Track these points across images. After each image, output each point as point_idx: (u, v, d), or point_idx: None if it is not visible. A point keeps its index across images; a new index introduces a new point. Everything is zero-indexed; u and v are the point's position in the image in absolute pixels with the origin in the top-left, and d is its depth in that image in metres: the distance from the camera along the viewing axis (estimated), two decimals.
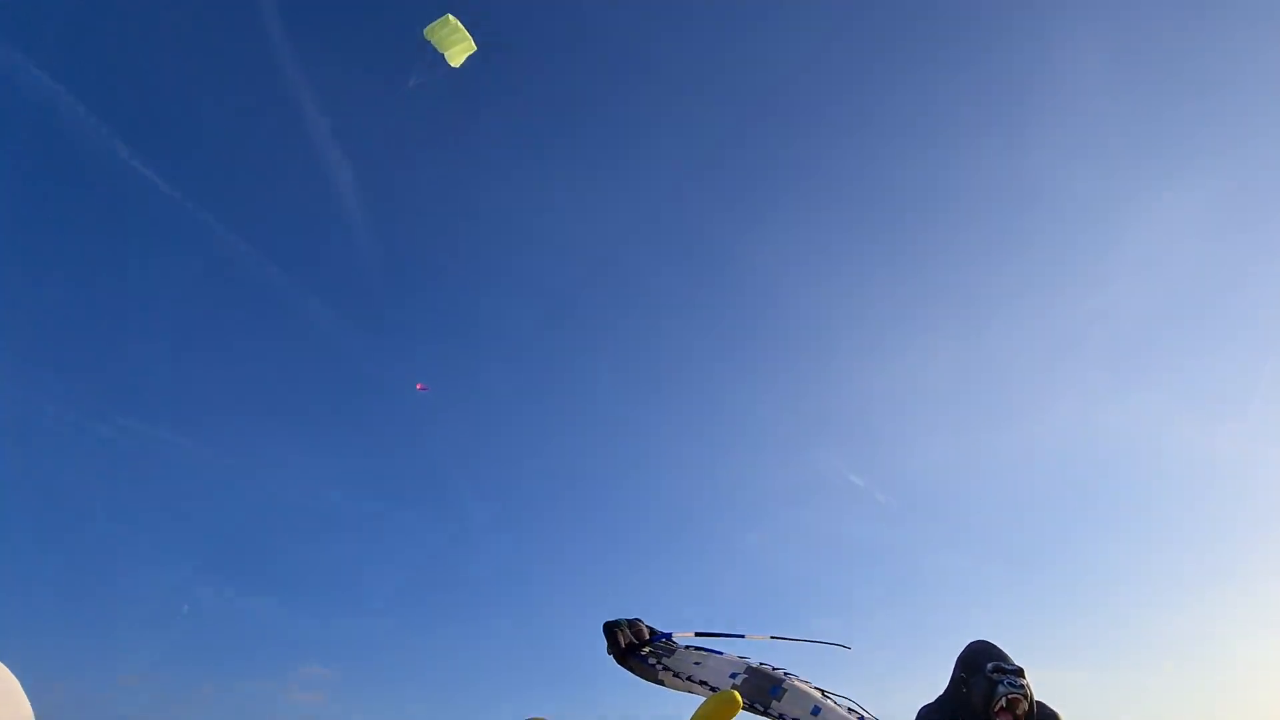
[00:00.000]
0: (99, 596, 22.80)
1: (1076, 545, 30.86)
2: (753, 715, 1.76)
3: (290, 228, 28.15)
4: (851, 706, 1.78)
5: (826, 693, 1.80)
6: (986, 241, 32.03)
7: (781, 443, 33.32)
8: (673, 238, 31.60)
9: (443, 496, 29.19)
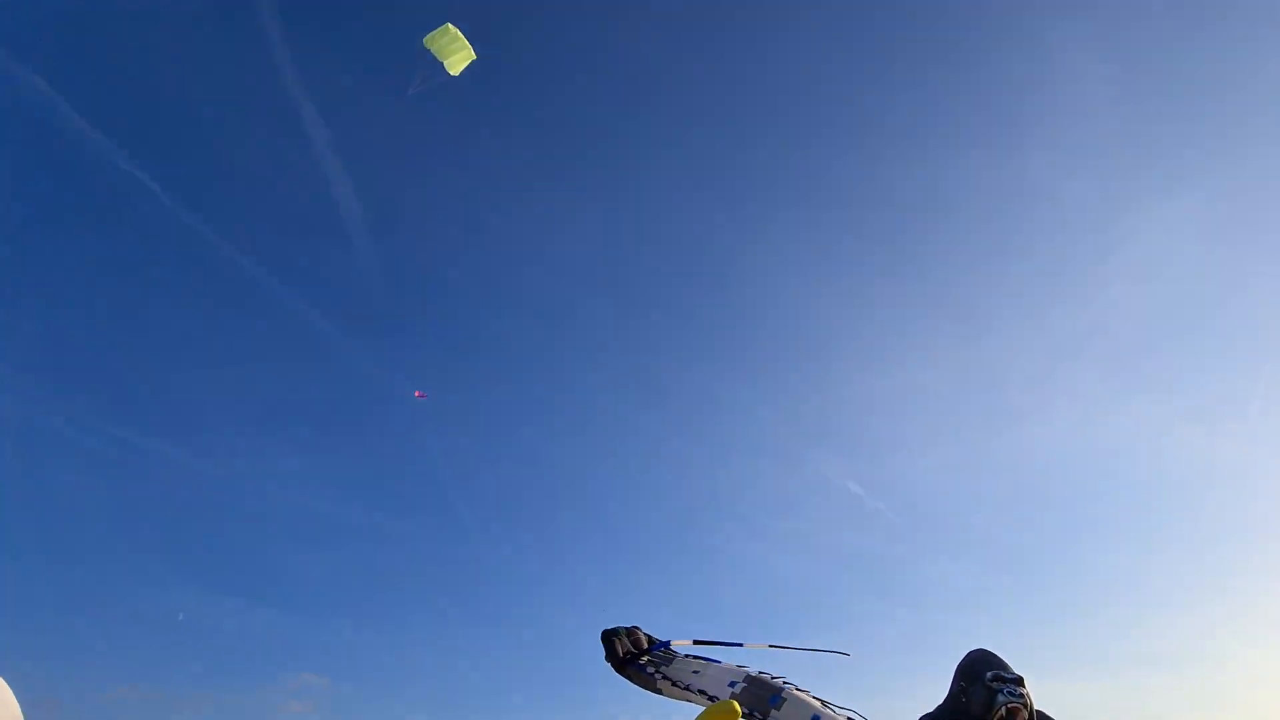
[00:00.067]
0: (93, 606, 22.66)
1: (1076, 552, 30.81)
2: None
3: (289, 237, 28.21)
4: (851, 716, 1.77)
5: (826, 702, 1.79)
6: (986, 248, 32.19)
7: (781, 450, 33.29)
8: (672, 245, 31.72)
9: (439, 505, 29.08)
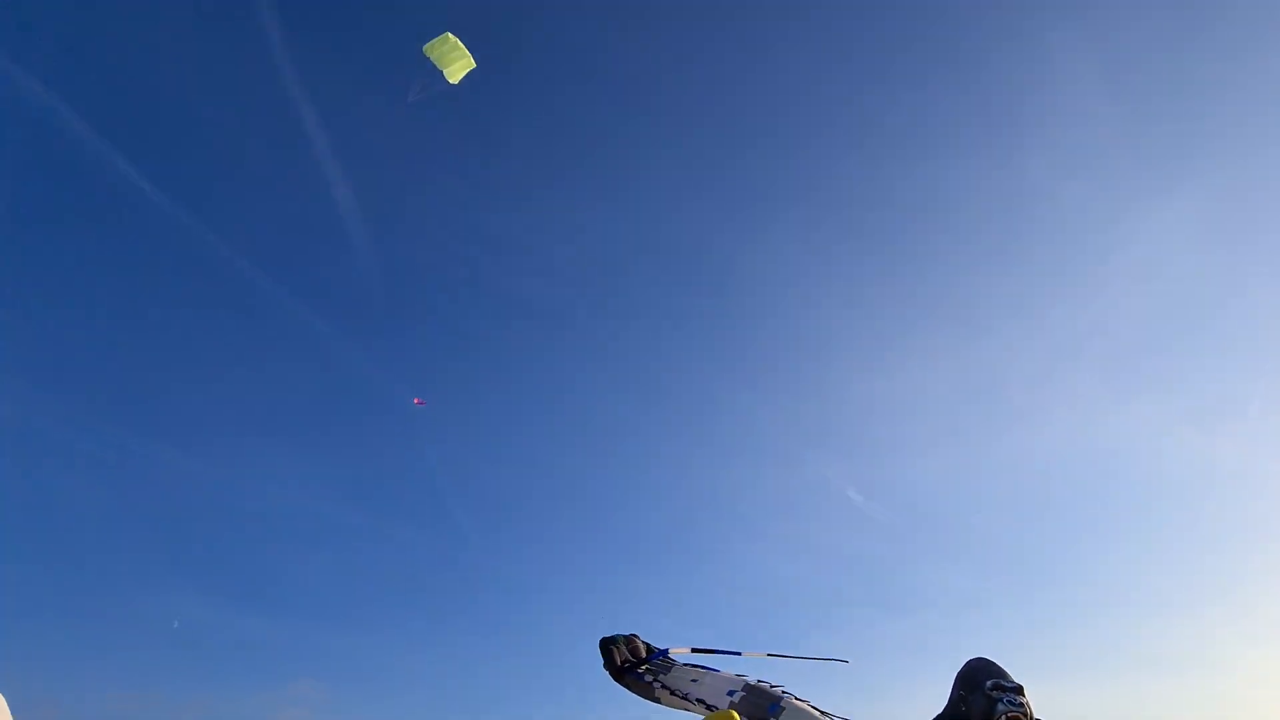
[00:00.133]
0: (90, 610, 22.55)
1: (1076, 554, 30.77)
2: None
3: (289, 242, 28.28)
4: None
5: (825, 712, 1.78)
6: (985, 250, 32.29)
7: (780, 452, 33.28)
8: (671, 247, 31.79)
9: (438, 510, 29.03)
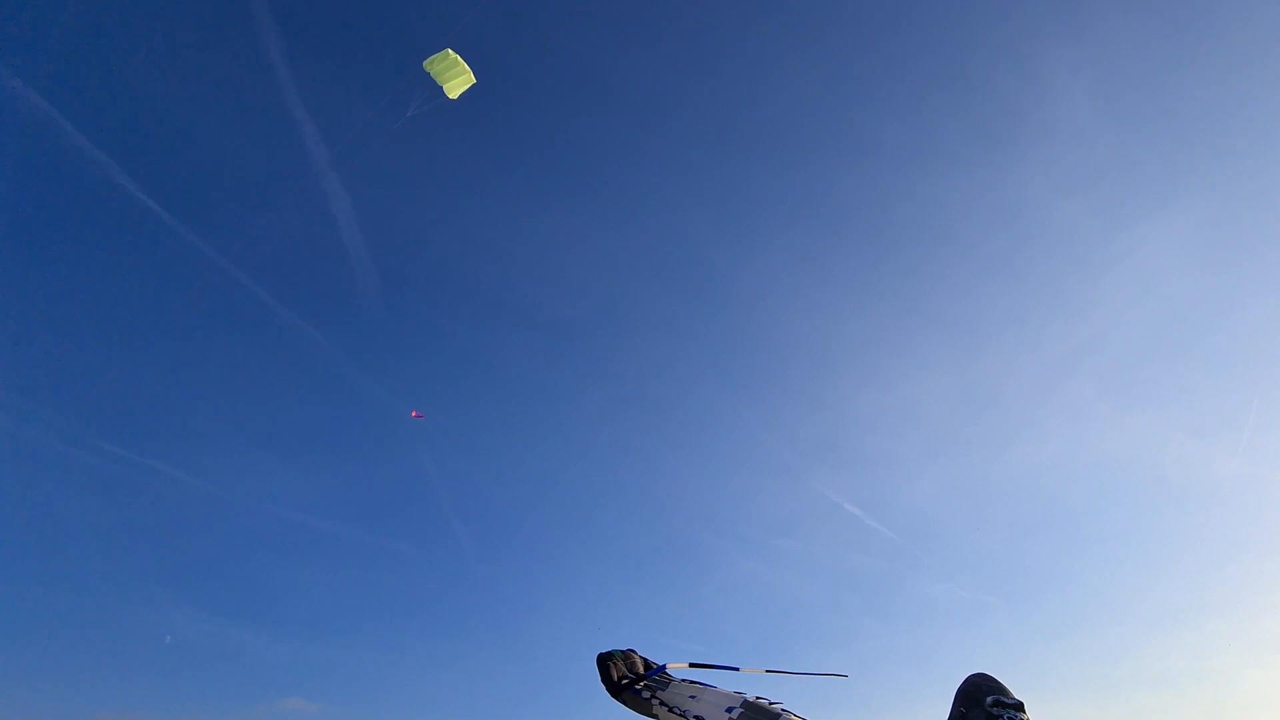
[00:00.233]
0: (80, 626, 22.29)
1: (1077, 570, 30.66)
2: None
3: (287, 255, 28.34)
4: None
5: None
6: (982, 267, 32.54)
7: (780, 468, 33.21)
8: (673, 265, 31.95)
9: (437, 526, 28.86)
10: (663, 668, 1.97)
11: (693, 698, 1.87)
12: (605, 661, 1.96)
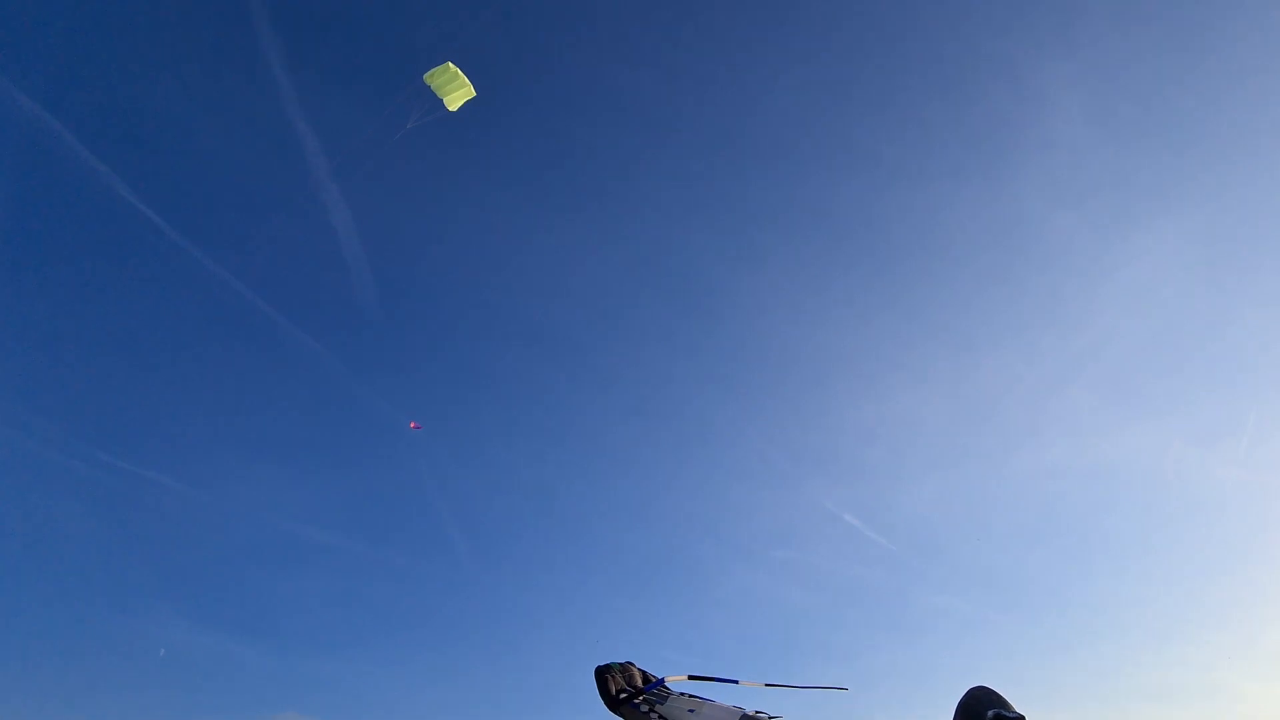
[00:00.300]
0: (71, 638, 22.08)
1: (1078, 582, 30.52)
2: None
3: (286, 265, 28.38)
4: None
5: None
6: (979, 279, 32.68)
7: (779, 480, 33.13)
8: (671, 279, 32.05)
9: (435, 538, 28.73)
10: (661, 681, 1.96)
11: (691, 712, 1.85)
12: (603, 674, 1.94)
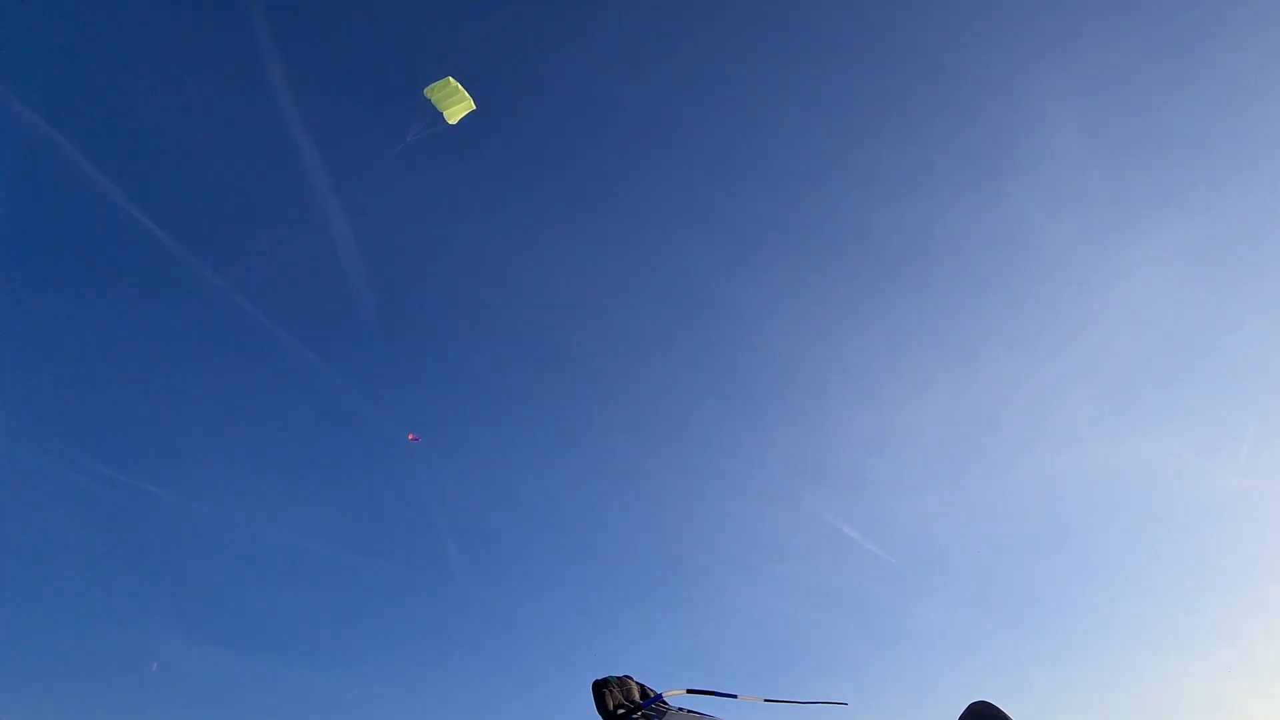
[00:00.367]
0: (64, 651, 21.81)
1: (1078, 596, 30.35)
2: None
3: (285, 277, 28.45)
4: None
5: None
6: (977, 291, 32.81)
7: (778, 494, 33.04)
8: (671, 292, 32.14)
9: (432, 549, 28.52)
10: (659, 697, 1.94)
11: None
12: (601, 689, 1.92)
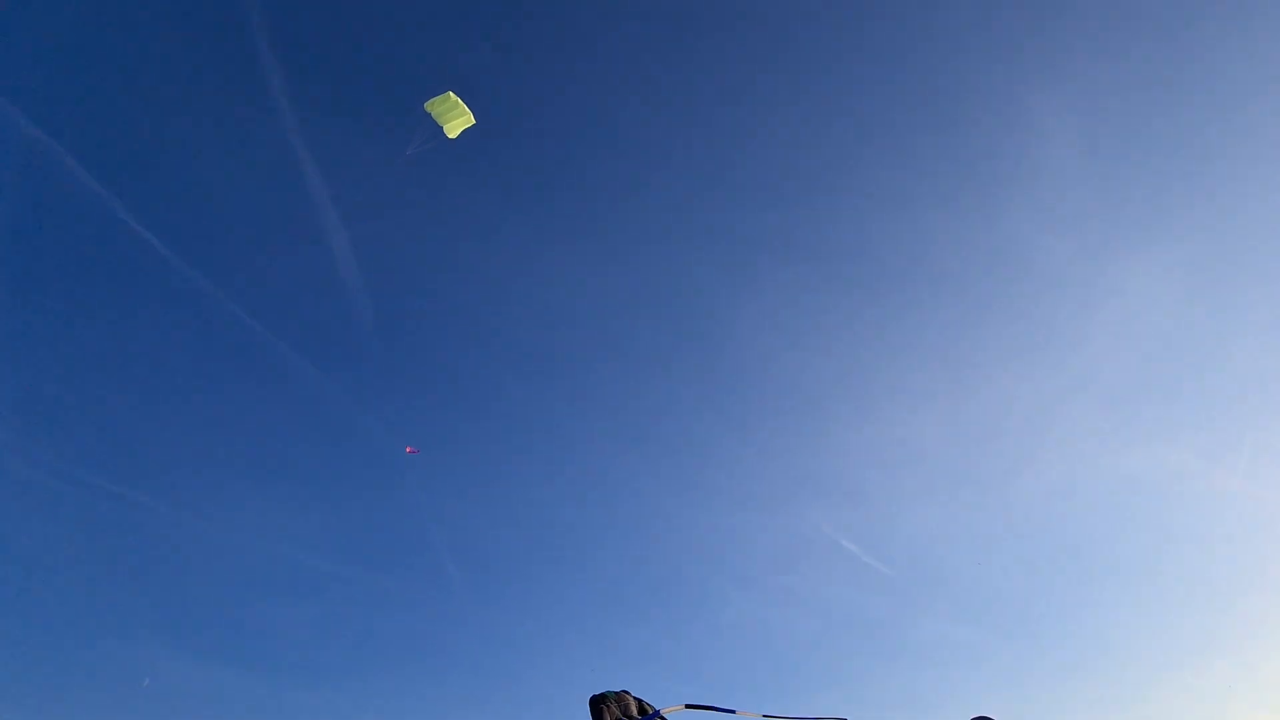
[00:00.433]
0: (56, 667, 21.53)
1: (1079, 611, 30.16)
2: None
3: (284, 289, 28.51)
4: None
5: None
6: (974, 304, 33.01)
7: (777, 507, 32.92)
8: (670, 307, 32.26)
9: (428, 562, 28.31)
10: (658, 713, 1.92)
11: None
12: (598, 705, 1.90)
